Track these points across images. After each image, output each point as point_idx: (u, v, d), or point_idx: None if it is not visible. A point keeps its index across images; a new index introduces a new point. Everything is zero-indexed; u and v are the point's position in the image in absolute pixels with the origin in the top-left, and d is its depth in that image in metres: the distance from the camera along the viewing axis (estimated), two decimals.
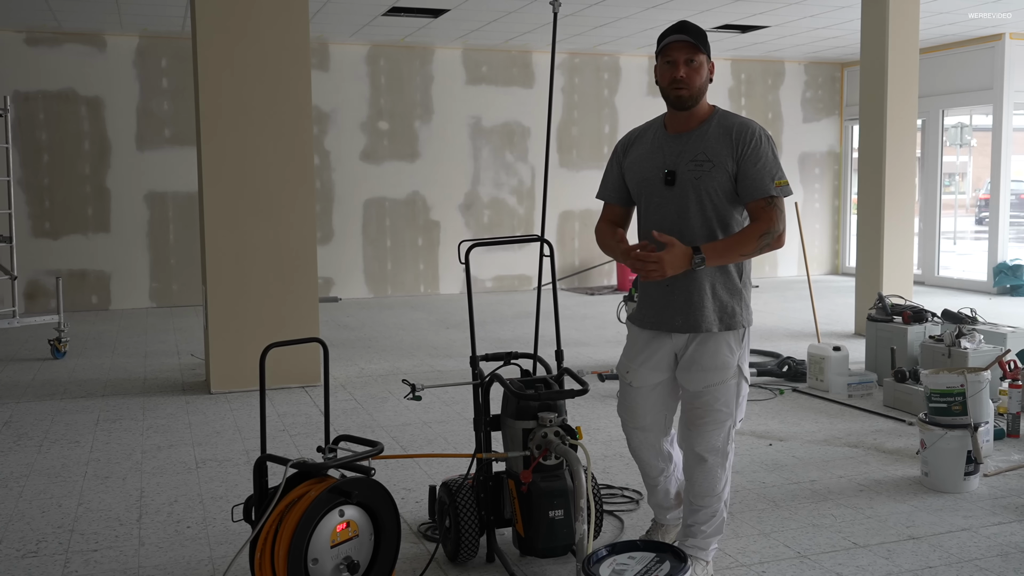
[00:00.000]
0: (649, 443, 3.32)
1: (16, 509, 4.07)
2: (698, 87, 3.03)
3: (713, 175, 3.03)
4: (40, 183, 10.37)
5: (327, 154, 11.38)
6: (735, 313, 3.11)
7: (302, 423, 5.49)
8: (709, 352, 3.09)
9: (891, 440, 5.03)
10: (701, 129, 3.09)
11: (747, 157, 3.01)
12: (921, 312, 6.26)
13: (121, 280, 10.72)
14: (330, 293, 11.47)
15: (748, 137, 3.03)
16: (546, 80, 12.11)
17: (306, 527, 2.76)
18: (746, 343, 3.17)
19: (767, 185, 3.01)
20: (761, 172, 3.01)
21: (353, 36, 10.89)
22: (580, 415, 5.62)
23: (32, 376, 6.93)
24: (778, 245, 3.04)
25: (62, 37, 10.30)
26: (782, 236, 3.02)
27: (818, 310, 9.61)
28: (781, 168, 3.06)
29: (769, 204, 3.01)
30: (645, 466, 3.40)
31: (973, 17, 10.08)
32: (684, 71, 3.00)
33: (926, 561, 3.44)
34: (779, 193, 3.02)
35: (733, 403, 3.12)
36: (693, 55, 3.01)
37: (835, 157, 13.72)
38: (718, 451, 3.14)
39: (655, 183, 3.13)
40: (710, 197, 3.05)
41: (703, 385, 3.11)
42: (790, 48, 12.12)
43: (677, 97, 3.04)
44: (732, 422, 3.14)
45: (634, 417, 3.31)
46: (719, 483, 3.17)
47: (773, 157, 3.04)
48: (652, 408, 3.26)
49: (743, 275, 3.15)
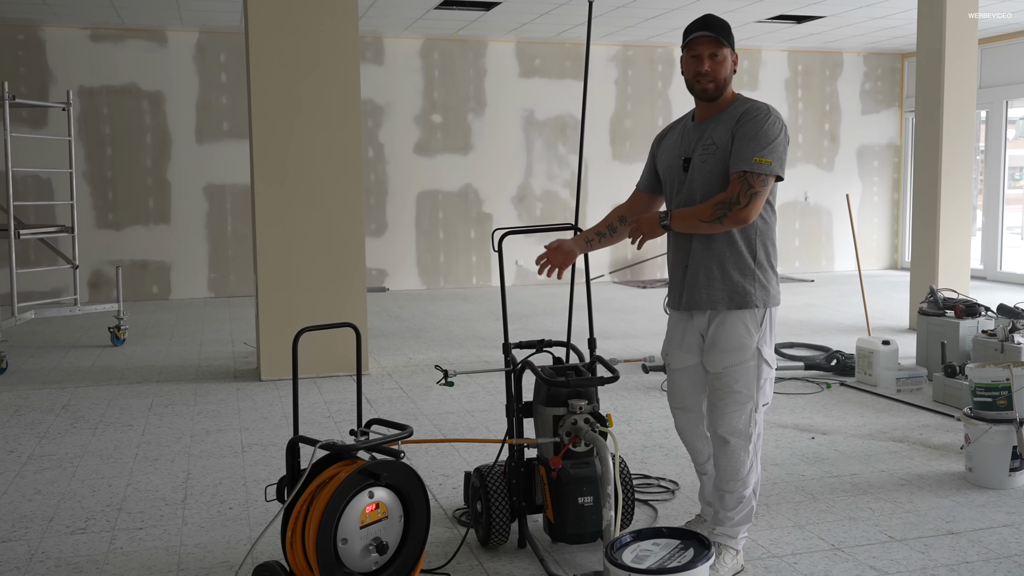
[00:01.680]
0: (692, 423, 3.40)
1: (68, 488, 4.22)
2: (722, 79, 3.12)
3: (716, 157, 3.11)
4: (104, 175, 10.67)
5: (381, 147, 11.51)
6: (747, 292, 3.14)
7: (348, 410, 5.58)
8: (726, 333, 3.15)
9: (938, 435, 4.95)
10: (718, 116, 3.17)
11: (739, 133, 3.06)
12: (974, 306, 6.13)
13: (180, 271, 10.99)
14: (383, 284, 11.61)
15: (747, 116, 3.07)
16: (600, 72, 12.09)
17: (336, 507, 2.82)
18: (766, 326, 3.19)
19: (744, 159, 3.02)
20: (744, 147, 3.03)
21: (407, 30, 10.99)
22: (622, 406, 5.63)
23: (92, 362, 7.16)
24: (738, 220, 3.02)
25: (125, 33, 10.57)
26: (743, 212, 3.00)
27: (874, 305, 9.47)
28: (773, 150, 3.02)
29: (740, 178, 3.02)
30: (691, 450, 3.46)
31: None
32: (708, 65, 3.10)
33: (963, 556, 3.39)
34: (756, 169, 3.00)
35: (753, 385, 3.15)
36: (717, 49, 3.09)
37: (895, 150, 13.46)
38: (740, 433, 3.17)
39: (676, 170, 3.24)
40: (712, 180, 3.11)
41: (722, 366, 3.16)
42: (848, 39, 11.92)
43: (702, 90, 3.14)
44: (753, 405, 3.16)
45: (675, 398, 3.42)
46: (743, 466, 3.19)
47: (766, 137, 3.02)
48: (690, 389, 3.35)
49: (756, 256, 3.16)
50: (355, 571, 2.90)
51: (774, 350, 3.25)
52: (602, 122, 12.19)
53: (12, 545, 3.56)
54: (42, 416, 5.52)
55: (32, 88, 10.31)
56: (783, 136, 3.07)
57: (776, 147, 3.04)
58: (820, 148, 13.09)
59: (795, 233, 13.10)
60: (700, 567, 2.71)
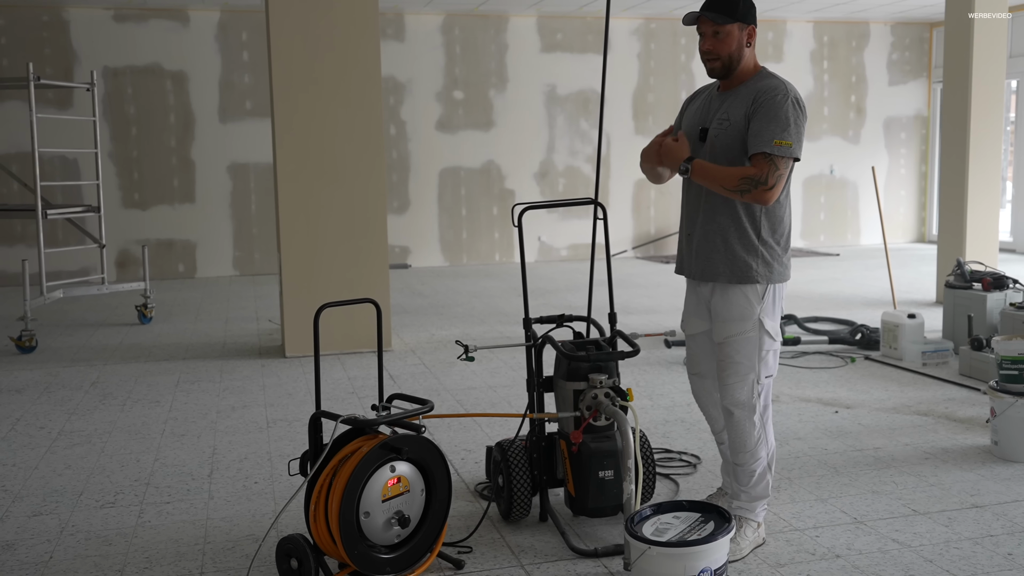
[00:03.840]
0: (706, 390, 3.43)
1: (98, 463, 4.28)
2: (727, 55, 3.13)
3: (729, 133, 3.13)
4: (129, 155, 10.75)
5: (403, 124, 11.50)
6: (749, 267, 3.15)
7: (371, 386, 5.62)
8: (727, 304, 3.19)
9: (963, 409, 4.91)
10: (736, 91, 3.18)
11: (757, 114, 3.06)
12: (1002, 279, 6.06)
13: (206, 249, 11.07)
14: (406, 261, 11.64)
15: (764, 96, 3.07)
16: (622, 46, 12.00)
17: (358, 481, 2.85)
18: (769, 300, 3.18)
19: (765, 141, 3.02)
20: (764, 128, 3.03)
21: (428, 6, 10.95)
22: (645, 380, 5.63)
23: (120, 340, 7.24)
24: (761, 199, 3.03)
25: (148, 13, 10.61)
26: (767, 192, 3.02)
27: (901, 278, 9.38)
28: (792, 132, 3.03)
29: (766, 158, 3.02)
30: (708, 417, 3.50)
31: None
32: (711, 43, 3.14)
33: (988, 529, 3.37)
34: (778, 152, 3.01)
35: (755, 356, 3.16)
36: (719, 27, 3.10)
37: (923, 121, 13.28)
38: (743, 404, 3.19)
39: (694, 139, 3.26)
40: (723, 155, 3.13)
41: (724, 336, 3.19)
42: (875, 8, 11.73)
43: (711, 68, 3.18)
44: (755, 376, 3.18)
45: (691, 363, 3.47)
46: (750, 438, 3.21)
47: (785, 119, 3.03)
48: (704, 355, 3.39)
49: (761, 233, 3.15)
50: (377, 544, 2.94)
51: (778, 324, 3.25)
52: (625, 96, 12.10)
53: (43, 519, 3.62)
54: (71, 393, 5.60)
55: (57, 69, 10.38)
56: (801, 116, 3.08)
57: (796, 129, 3.05)
58: (846, 120, 12.94)
59: (820, 207, 12.98)
60: (720, 540, 2.72)
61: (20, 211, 7.90)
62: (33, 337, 6.83)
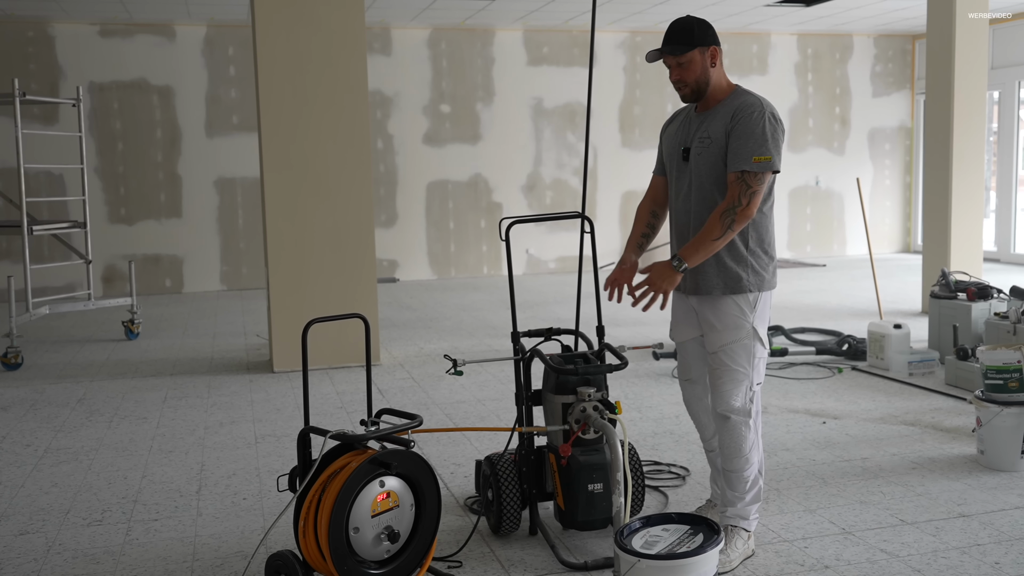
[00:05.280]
0: (697, 396, 3.47)
1: (85, 481, 4.26)
2: (695, 80, 3.21)
3: (712, 150, 3.18)
4: (116, 171, 10.72)
5: (390, 138, 11.52)
6: (740, 278, 3.21)
7: (360, 400, 5.61)
8: (720, 314, 3.23)
9: (950, 419, 4.94)
10: (714, 110, 3.24)
11: (735, 131, 3.12)
12: (986, 289, 6.10)
13: (193, 264, 11.04)
14: (394, 275, 11.63)
15: (741, 113, 3.13)
16: (608, 59, 12.06)
17: (347, 497, 2.84)
18: (759, 308, 3.24)
19: (742, 159, 3.09)
20: (741, 146, 3.09)
21: (414, 20, 10.98)
22: (633, 393, 5.64)
23: (106, 356, 7.21)
24: (744, 219, 3.09)
25: (133, 28, 10.61)
26: (746, 211, 3.08)
27: (887, 289, 9.44)
28: (770, 147, 3.09)
29: (738, 179, 3.09)
30: (698, 424, 3.53)
31: None
32: (677, 73, 3.23)
33: (975, 539, 3.39)
34: (756, 168, 3.07)
35: (749, 363, 3.21)
36: (680, 58, 3.19)
37: (906, 132, 13.38)
38: (739, 410, 3.23)
39: (676, 159, 3.33)
40: (709, 173, 3.19)
41: (719, 345, 3.23)
42: (858, 21, 11.84)
43: (683, 95, 3.27)
44: (749, 382, 3.22)
45: (682, 369, 3.52)
46: (745, 442, 3.24)
47: (762, 134, 3.08)
48: (695, 361, 3.43)
49: (749, 243, 3.21)
50: (367, 559, 2.93)
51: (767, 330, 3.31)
52: (611, 109, 12.16)
53: (30, 537, 3.60)
54: (58, 410, 5.57)
55: (42, 84, 10.36)
56: (778, 130, 3.14)
57: (773, 143, 3.11)
58: (831, 132, 13.03)
59: (806, 218, 13.05)
60: (709, 552, 2.72)
61: (6, 227, 7.85)
62: (19, 354, 6.79)
